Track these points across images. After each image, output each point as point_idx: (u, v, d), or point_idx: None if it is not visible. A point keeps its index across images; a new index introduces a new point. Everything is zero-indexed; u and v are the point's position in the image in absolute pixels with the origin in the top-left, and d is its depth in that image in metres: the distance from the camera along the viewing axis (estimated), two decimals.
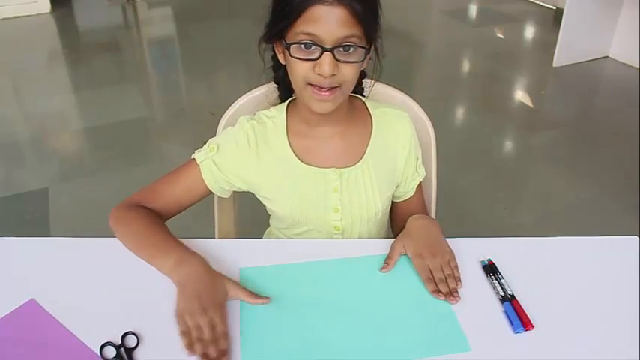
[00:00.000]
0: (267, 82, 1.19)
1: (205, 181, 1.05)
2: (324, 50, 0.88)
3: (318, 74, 0.90)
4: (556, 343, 0.84)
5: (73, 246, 1.01)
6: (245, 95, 1.20)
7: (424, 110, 1.22)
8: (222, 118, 1.20)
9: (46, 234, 2.14)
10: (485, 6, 4.97)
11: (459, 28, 4.53)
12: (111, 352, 0.80)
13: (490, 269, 0.96)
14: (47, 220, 2.24)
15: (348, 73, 0.92)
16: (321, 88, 0.92)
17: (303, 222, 1.08)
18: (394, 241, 1.01)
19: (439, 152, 1.24)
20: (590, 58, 3.70)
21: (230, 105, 1.21)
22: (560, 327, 0.86)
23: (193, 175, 1.05)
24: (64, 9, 4.66)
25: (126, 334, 0.82)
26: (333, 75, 0.90)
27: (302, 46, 0.89)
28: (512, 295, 0.91)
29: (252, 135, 1.04)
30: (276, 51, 0.99)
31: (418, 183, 1.15)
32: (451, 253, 0.98)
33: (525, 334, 0.85)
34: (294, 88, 0.98)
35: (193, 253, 0.93)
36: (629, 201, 2.38)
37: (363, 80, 1.09)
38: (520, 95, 3.44)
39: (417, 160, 1.13)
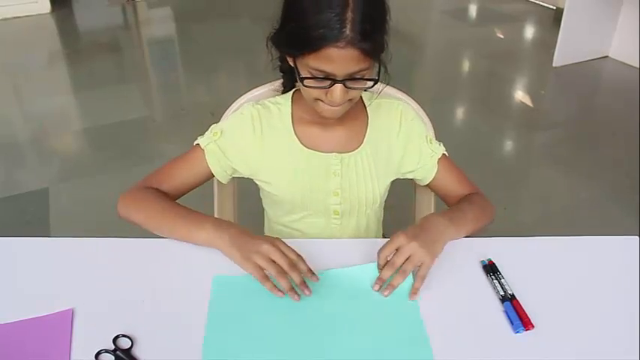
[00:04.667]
0: (268, 83, 1.20)
1: (209, 165, 1.07)
2: (336, 82, 0.92)
3: (330, 99, 0.95)
4: (556, 343, 0.84)
5: (73, 246, 1.01)
6: (245, 95, 1.21)
7: (424, 110, 1.22)
8: (222, 118, 1.20)
9: (46, 234, 2.14)
10: (485, 6, 4.98)
11: (459, 27, 4.53)
12: (108, 359, 0.79)
13: (490, 269, 0.96)
14: (47, 220, 2.24)
15: (357, 93, 0.98)
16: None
17: (303, 206, 1.10)
18: None
19: None
20: (590, 58, 3.70)
21: (230, 105, 1.21)
22: (560, 327, 0.86)
23: (197, 159, 1.07)
24: (64, 9, 4.67)
25: (117, 337, 0.81)
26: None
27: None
28: (513, 295, 0.91)
29: (258, 119, 1.07)
30: (286, 56, 1.00)
31: (436, 160, 1.13)
32: (432, 258, 0.91)
33: (525, 334, 0.85)
34: (305, 98, 1.01)
35: (223, 220, 0.99)
36: (629, 201, 2.38)
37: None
38: (520, 95, 3.44)
39: (427, 138, 1.13)
